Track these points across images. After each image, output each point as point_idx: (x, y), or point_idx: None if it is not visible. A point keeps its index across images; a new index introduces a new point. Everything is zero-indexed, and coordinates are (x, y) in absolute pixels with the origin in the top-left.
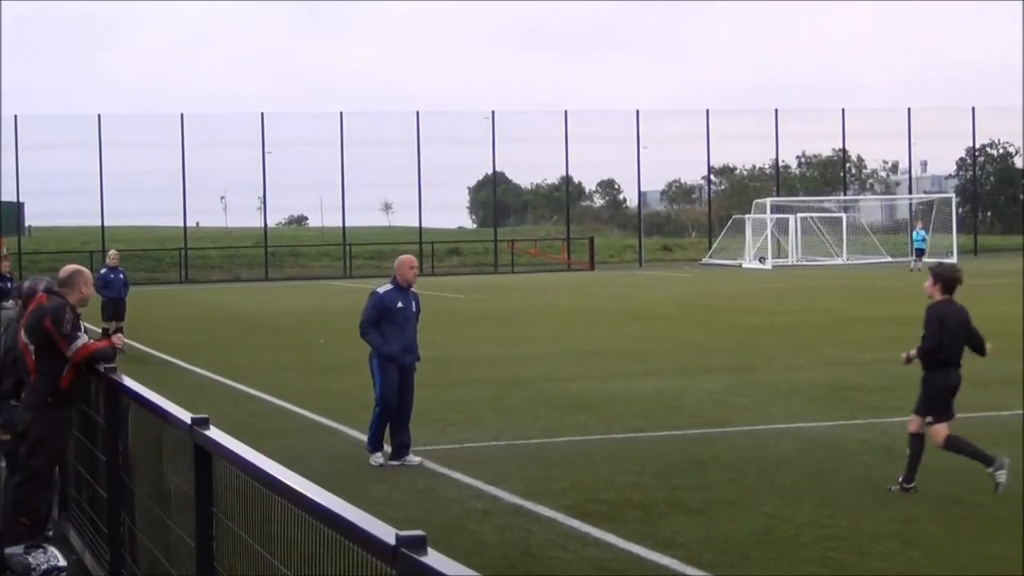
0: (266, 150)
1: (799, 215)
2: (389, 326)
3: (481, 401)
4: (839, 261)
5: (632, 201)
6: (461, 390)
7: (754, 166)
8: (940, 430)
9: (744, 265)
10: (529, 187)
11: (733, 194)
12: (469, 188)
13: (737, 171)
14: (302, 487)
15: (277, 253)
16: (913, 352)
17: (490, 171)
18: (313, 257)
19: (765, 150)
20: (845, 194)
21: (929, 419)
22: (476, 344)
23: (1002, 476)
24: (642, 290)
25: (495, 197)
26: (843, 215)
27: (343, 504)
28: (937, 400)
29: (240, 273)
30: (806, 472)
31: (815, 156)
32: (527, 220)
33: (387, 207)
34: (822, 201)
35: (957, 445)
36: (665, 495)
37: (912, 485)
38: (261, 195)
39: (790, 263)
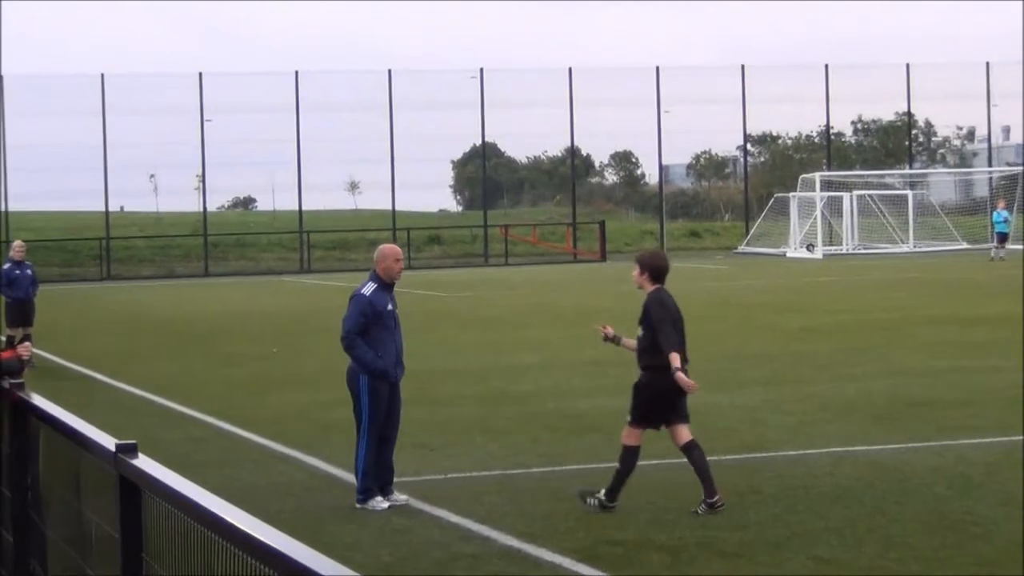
0: (205, 118)
1: (855, 193)
2: (378, 334)
3: (469, 421)
4: (904, 248)
5: (652, 177)
6: (444, 409)
7: (800, 134)
8: (628, 433)
9: (789, 254)
10: (526, 161)
11: (775, 168)
12: (453, 162)
13: (780, 140)
14: (251, 528)
15: (219, 243)
16: (631, 342)
17: (478, 141)
18: (263, 248)
19: (813, 114)
20: (911, 167)
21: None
22: (462, 352)
23: (703, 510)
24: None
25: (485, 173)
26: (909, 193)
27: (302, 549)
28: (639, 403)
29: (175, 268)
30: (866, 506)
31: (874, 121)
32: (524, 201)
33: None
34: (883, 176)
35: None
36: (695, 535)
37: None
38: (200, 173)
39: (844, 251)
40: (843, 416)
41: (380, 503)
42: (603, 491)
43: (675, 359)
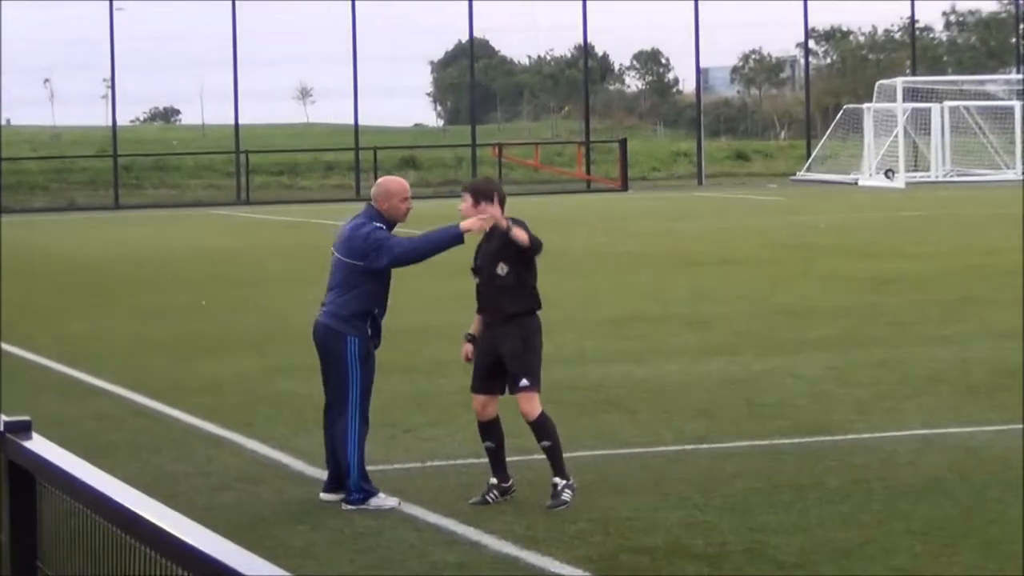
0: (115, 5)
1: (947, 104)
2: (375, 287)
3: (454, 395)
4: (1010, 175)
5: (687, 84)
6: (424, 378)
7: (875, 28)
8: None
9: (862, 182)
10: (526, 63)
11: (844, 72)
12: (432, 64)
13: (851, 36)
14: (174, 527)
15: (133, 166)
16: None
17: (465, 37)
18: (189, 173)
19: (894, 4)
20: (1019, 71)
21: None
22: (445, 306)
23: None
24: (704, 222)
25: (473, 78)
26: (1016, 104)
27: (239, 554)
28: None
29: (76, 198)
30: (960, 503)
31: (972, 13)
32: (523, 114)
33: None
34: (983, 83)
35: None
36: (742, 539)
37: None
38: (108, 76)
39: (932, 179)
40: (929, 389)
41: (386, 501)
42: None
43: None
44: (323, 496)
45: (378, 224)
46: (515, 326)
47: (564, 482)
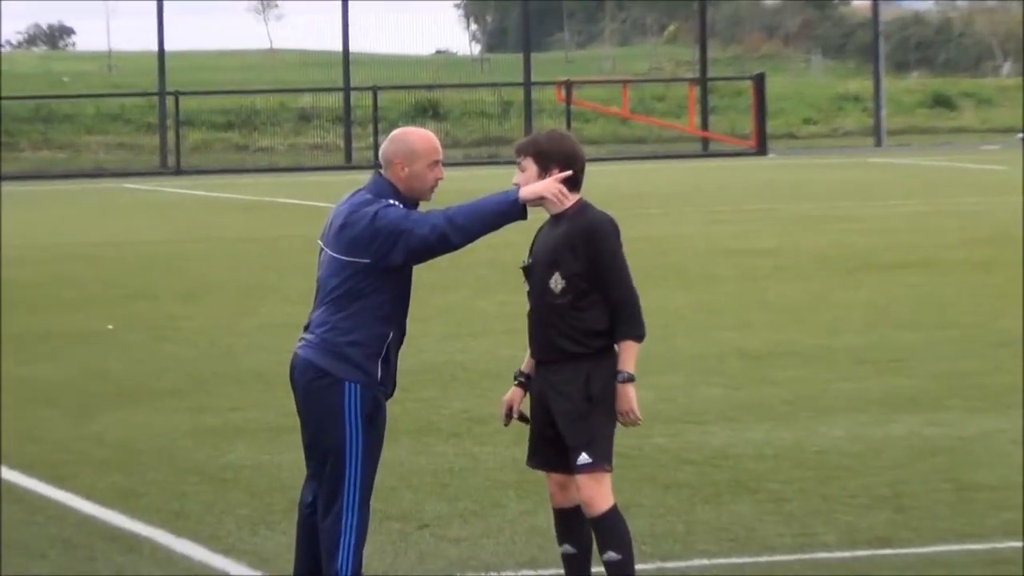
0: None
1: None
2: (392, 299)
3: (498, 471)
4: None
5: None
6: (451, 444)
7: None
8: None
9: None
10: None
11: None
12: None
13: None
14: None
15: (6, 116)
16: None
17: None
18: (88, 125)
19: None
20: None
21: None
22: (484, 332)
23: None
24: (884, 204)
25: None
26: None
27: None
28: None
29: None
30: None
31: None
32: (602, 35)
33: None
34: None
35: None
36: None
37: None
38: None
39: None
40: None
41: None
42: None
43: None
44: None
45: (391, 201)
46: (574, 372)
47: None
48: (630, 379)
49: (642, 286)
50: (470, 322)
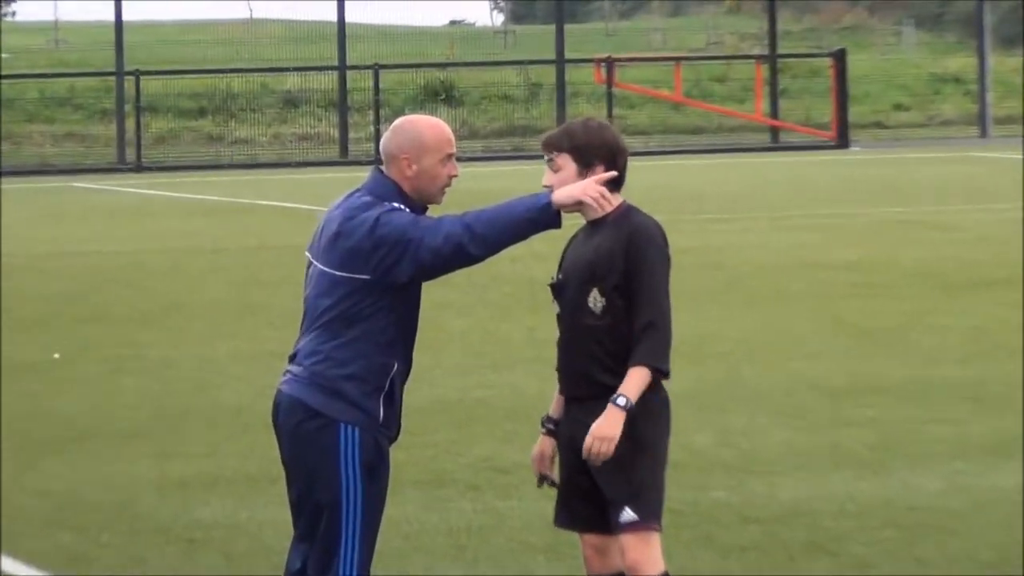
0: None
1: None
2: (398, 321)
3: (523, 530)
4: None
5: None
6: (466, 499)
7: None
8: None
9: None
10: None
11: None
12: None
13: None
14: None
15: None
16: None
17: None
18: (29, 112)
19: None
20: None
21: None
22: (505, 362)
23: None
24: (994, 208)
25: None
26: None
27: None
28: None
29: None
30: None
31: None
32: (648, 5)
33: None
34: None
35: None
36: None
37: None
38: None
39: None
40: None
41: None
42: None
43: None
44: None
45: (395, 204)
46: None
47: None
48: (626, 407)
49: (698, 306)
50: (491, 351)
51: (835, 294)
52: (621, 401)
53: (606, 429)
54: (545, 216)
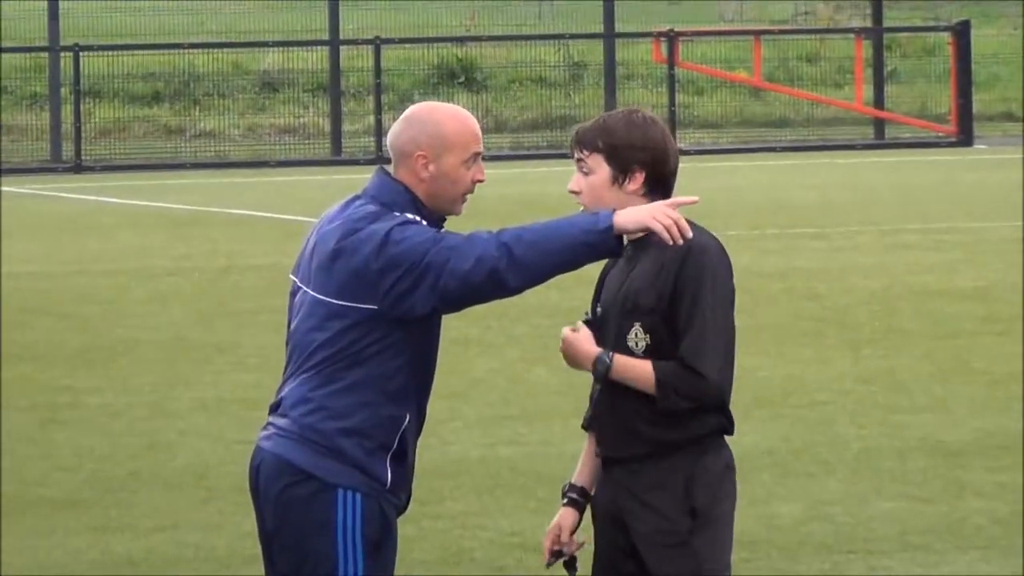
0: None
1: None
2: (415, 358)
3: None
4: None
5: None
6: None
7: None
8: None
9: None
10: None
11: None
12: None
13: None
14: None
15: None
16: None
17: None
18: None
19: None
20: None
21: None
22: (542, 410)
23: None
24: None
25: None
26: None
27: None
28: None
29: None
30: None
31: None
32: None
33: None
34: None
35: None
36: None
37: None
38: None
39: None
40: None
41: None
42: None
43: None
44: None
45: (408, 215)
46: (667, 473)
47: None
48: (604, 366)
49: (784, 346)
50: (521, 399)
51: (957, 331)
52: (606, 358)
53: (570, 347)
54: (603, 241)
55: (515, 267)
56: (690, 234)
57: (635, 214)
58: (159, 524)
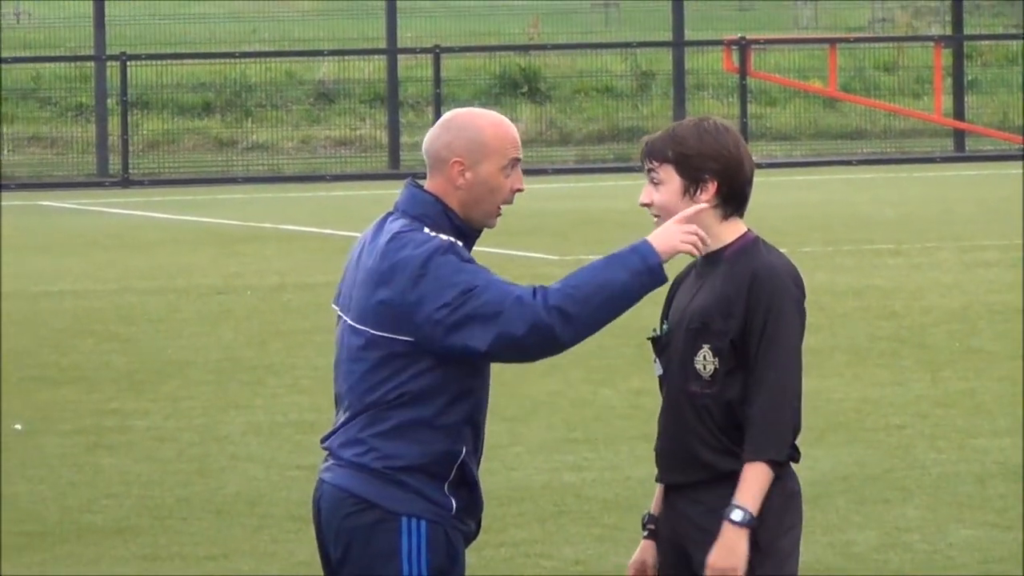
0: None
1: None
2: (462, 408)
3: None
4: None
5: None
6: None
7: None
8: None
9: None
10: None
11: None
12: None
13: None
14: None
15: None
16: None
17: None
18: None
19: None
20: None
21: None
22: (609, 434)
23: None
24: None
25: None
26: None
27: None
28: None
29: None
30: None
31: None
32: None
33: None
34: None
35: None
36: None
37: None
38: None
39: None
40: None
41: None
42: None
43: None
44: None
45: (442, 236)
46: (728, 501)
47: None
48: (746, 522)
49: (859, 367)
50: (586, 423)
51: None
52: (737, 516)
53: (727, 557)
54: (658, 276)
55: (570, 326)
56: (725, 237)
57: (669, 241)
58: (210, 553)
